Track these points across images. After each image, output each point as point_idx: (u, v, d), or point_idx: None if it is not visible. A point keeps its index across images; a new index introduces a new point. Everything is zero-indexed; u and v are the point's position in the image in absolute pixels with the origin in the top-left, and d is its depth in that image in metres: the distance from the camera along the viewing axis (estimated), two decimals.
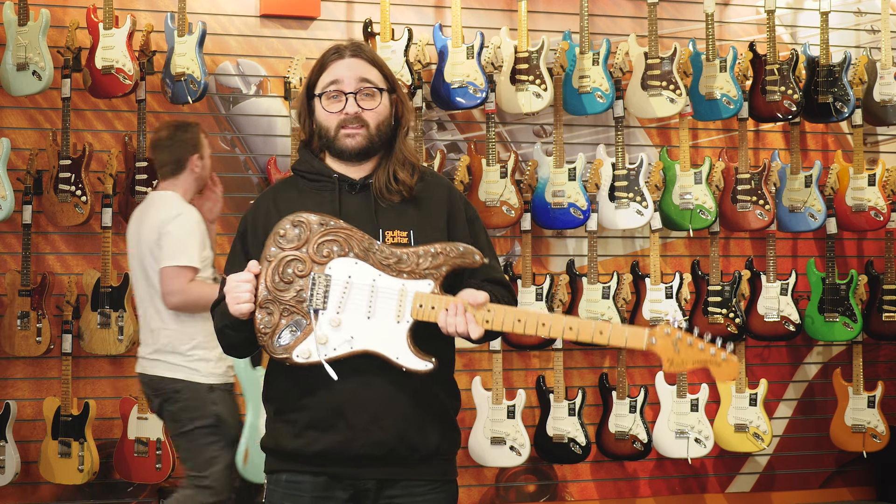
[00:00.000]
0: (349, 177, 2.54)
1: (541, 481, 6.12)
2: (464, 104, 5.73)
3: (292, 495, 2.49)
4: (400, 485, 2.48)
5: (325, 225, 2.40)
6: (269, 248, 2.41)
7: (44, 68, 5.29)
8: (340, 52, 2.55)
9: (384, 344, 2.37)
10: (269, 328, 2.39)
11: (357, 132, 2.51)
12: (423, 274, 2.39)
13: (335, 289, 2.38)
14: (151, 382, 4.23)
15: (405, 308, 2.38)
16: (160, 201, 4.31)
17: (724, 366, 2.33)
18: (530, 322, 2.36)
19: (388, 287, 2.38)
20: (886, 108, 6.20)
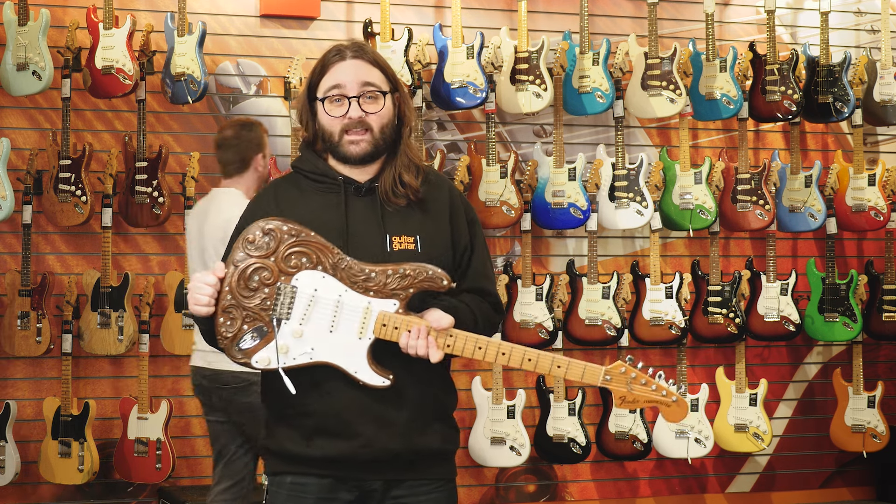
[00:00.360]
0: (354, 179, 2.52)
1: (541, 481, 6.12)
2: (464, 104, 5.73)
3: (297, 497, 2.48)
4: (405, 485, 2.48)
5: (295, 235, 2.39)
6: (236, 253, 2.40)
7: (44, 68, 5.29)
8: (342, 54, 2.52)
9: (344, 358, 2.39)
10: (230, 333, 2.39)
11: (361, 138, 2.49)
12: (390, 293, 2.39)
13: (300, 301, 2.39)
14: (216, 376, 4.33)
15: (368, 325, 2.38)
16: (225, 198, 4.40)
17: (674, 407, 2.42)
18: (490, 350, 2.40)
19: (353, 303, 2.39)
20: (886, 108, 6.20)
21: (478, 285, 2.55)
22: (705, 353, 6.23)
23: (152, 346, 5.44)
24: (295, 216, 2.49)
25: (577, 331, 5.84)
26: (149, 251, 5.63)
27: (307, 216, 2.49)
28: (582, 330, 5.83)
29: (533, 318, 5.78)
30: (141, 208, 5.42)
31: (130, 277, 5.39)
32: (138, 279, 5.48)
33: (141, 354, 5.39)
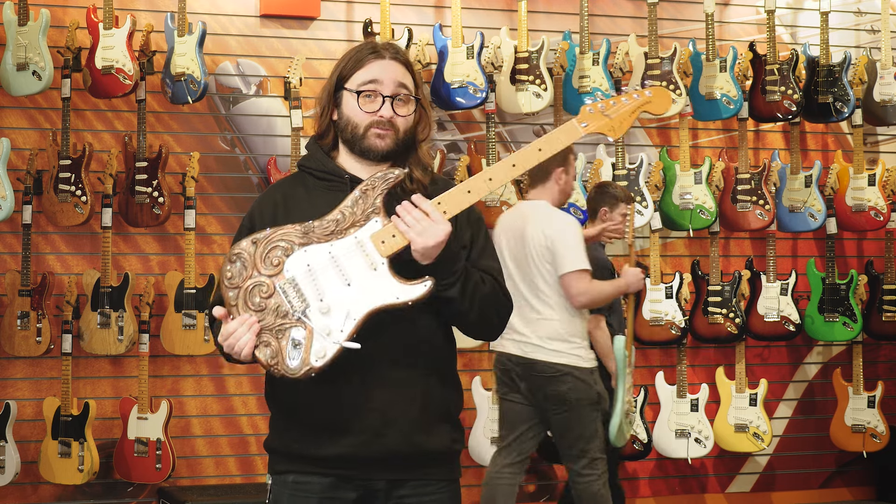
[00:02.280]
0: (361, 178, 2.52)
1: (541, 481, 6.12)
2: (464, 104, 5.73)
3: (300, 496, 2.47)
4: (409, 485, 2.47)
5: (256, 241, 2.38)
6: (227, 295, 2.38)
7: (44, 68, 5.29)
8: (379, 52, 2.51)
9: (378, 295, 2.34)
10: (275, 357, 2.35)
11: (387, 133, 2.49)
12: (366, 217, 2.37)
13: (304, 283, 2.35)
14: (532, 365, 4.63)
15: (372, 254, 2.35)
16: (540, 211, 4.71)
17: (655, 99, 2.42)
18: (478, 185, 2.38)
19: (344, 249, 2.36)
20: (886, 108, 6.21)
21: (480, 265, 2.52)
22: (705, 353, 6.23)
23: (152, 346, 5.44)
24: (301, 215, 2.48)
25: None
26: (149, 251, 5.63)
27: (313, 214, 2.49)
28: None
29: None
30: (141, 208, 5.42)
31: (130, 277, 5.40)
32: (138, 279, 5.48)
33: (141, 354, 5.39)
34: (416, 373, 2.44)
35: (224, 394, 5.70)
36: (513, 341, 4.70)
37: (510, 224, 4.81)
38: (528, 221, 4.70)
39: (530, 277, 4.66)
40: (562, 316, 4.62)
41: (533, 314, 4.65)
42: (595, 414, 4.64)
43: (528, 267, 4.66)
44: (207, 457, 5.67)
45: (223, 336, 2.36)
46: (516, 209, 4.93)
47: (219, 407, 5.70)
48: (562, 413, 4.62)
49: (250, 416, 5.72)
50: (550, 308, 4.63)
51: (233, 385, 5.71)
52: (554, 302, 4.63)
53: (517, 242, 4.71)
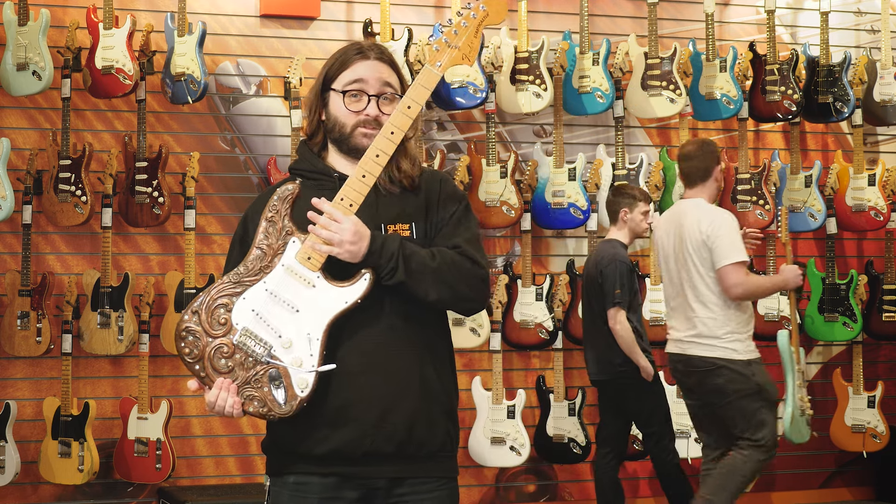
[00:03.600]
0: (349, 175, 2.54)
1: (541, 481, 6.12)
2: (464, 104, 5.73)
3: (300, 497, 2.47)
4: (408, 482, 2.48)
5: (198, 311, 2.42)
6: (193, 369, 2.45)
7: (44, 68, 5.29)
8: (364, 53, 2.56)
9: (327, 309, 2.39)
10: (264, 405, 2.41)
11: (373, 133, 2.51)
12: (283, 242, 2.41)
13: (257, 328, 2.41)
14: (689, 360, 4.78)
15: (304, 273, 2.40)
16: (696, 208, 4.84)
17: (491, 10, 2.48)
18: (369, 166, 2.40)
19: (275, 280, 2.41)
20: (886, 108, 6.21)
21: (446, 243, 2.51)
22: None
23: (152, 346, 5.44)
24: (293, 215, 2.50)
25: (578, 331, 5.83)
26: (149, 251, 5.63)
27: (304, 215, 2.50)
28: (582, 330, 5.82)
29: (533, 318, 5.78)
30: (141, 208, 5.42)
31: (130, 277, 5.40)
32: (138, 279, 5.48)
33: (141, 354, 5.39)
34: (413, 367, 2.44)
35: None
36: (674, 341, 4.87)
37: (669, 225, 4.93)
38: (685, 219, 4.83)
39: (689, 275, 4.78)
40: (716, 311, 4.72)
41: (690, 312, 4.78)
42: (757, 404, 4.73)
43: (686, 265, 4.78)
44: (207, 457, 5.67)
45: (209, 406, 2.44)
46: (675, 209, 5.01)
47: None
48: (723, 405, 4.73)
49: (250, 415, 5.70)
50: (705, 304, 4.74)
51: None
52: (709, 297, 4.73)
53: (677, 242, 4.84)
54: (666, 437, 5.25)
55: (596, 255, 5.28)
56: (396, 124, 2.42)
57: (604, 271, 5.11)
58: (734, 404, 4.72)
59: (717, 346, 4.72)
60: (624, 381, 5.16)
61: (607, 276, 5.09)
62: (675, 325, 4.87)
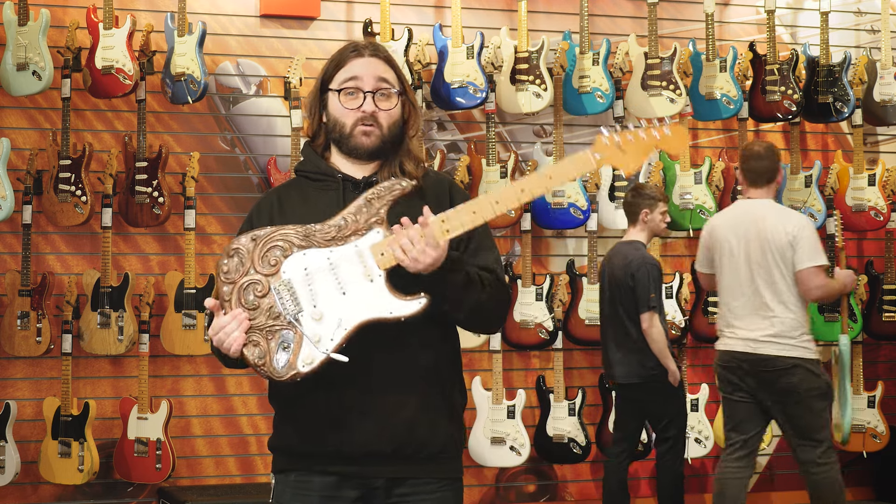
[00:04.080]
0: (353, 176, 2.54)
1: (541, 481, 6.12)
2: (464, 104, 5.74)
3: (301, 495, 2.48)
4: (409, 483, 2.47)
5: (256, 240, 2.37)
6: (221, 289, 2.38)
7: (44, 68, 5.29)
8: (359, 51, 2.56)
9: (371, 307, 2.34)
10: (262, 357, 2.35)
11: (372, 130, 2.51)
12: (368, 226, 2.37)
13: (299, 287, 2.35)
14: (763, 360, 4.77)
15: (370, 265, 2.35)
16: (778, 209, 4.94)
17: (672, 137, 2.32)
18: (484, 208, 2.34)
19: (343, 256, 2.35)
20: (886, 108, 6.21)
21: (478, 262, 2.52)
22: (705, 353, 6.22)
23: (152, 346, 5.44)
24: (295, 215, 2.50)
25: (578, 331, 5.84)
26: (149, 251, 5.63)
27: (308, 215, 2.51)
28: (582, 330, 5.83)
29: (533, 318, 5.78)
30: (141, 208, 5.42)
31: (130, 277, 5.40)
32: (138, 279, 5.48)
33: (141, 354, 5.39)
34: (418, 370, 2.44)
35: (224, 394, 5.70)
36: (740, 339, 4.83)
37: (737, 224, 4.90)
38: (764, 220, 4.82)
39: (769, 275, 4.79)
40: (796, 311, 4.79)
41: (768, 312, 4.78)
42: (824, 403, 4.81)
43: (767, 265, 4.79)
44: (207, 457, 5.67)
45: (214, 329, 2.38)
46: (742, 209, 4.97)
47: (219, 407, 5.70)
48: (792, 404, 4.77)
49: (250, 416, 5.72)
50: (785, 304, 4.77)
51: (233, 385, 5.71)
52: (789, 297, 4.78)
53: (754, 242, 4.81)
54: (680, 443, 5.25)
55: (622, 257, 5.21)
56: (529, 187, 2.34)
57: (635, 275, 5.10)
58: (805, 403, 4.76)
59: (795, 346, 4.76)
60: (654, 385, 5.16)
61: (639, 279, 5.09)
62: (741, 324, 4.83)
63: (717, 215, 5.14)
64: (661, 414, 5.22)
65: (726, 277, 4.90)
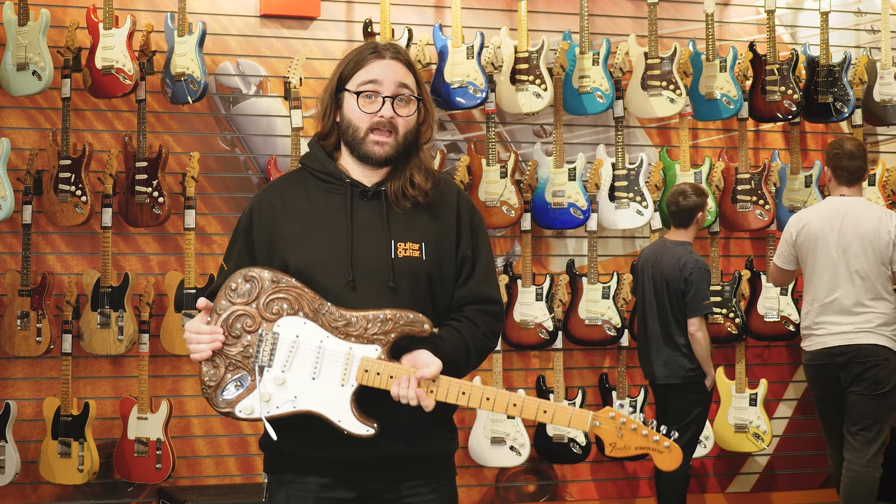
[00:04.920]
0: (361, 182, 2.50)
1: (541, 481, 6.12)
2: (464, 104, 5.73)
3: (296, 495, 2.48)
4: (405, 485, 2.47)
5: (276, 282, 2.38)
6: (219, 301, 2.40)
7: (44, 68, 5.29)
8: (380, 52, 2.49)
9: (327, 406, 2.36)
10: (213, 381, 2.39)
11: (386, 140, 2.46)
12: (371, 339, 2.36)
13: (282, 347, 2.37)
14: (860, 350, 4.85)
15: (350, 372, 2.36)
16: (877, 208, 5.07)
17: (666, 454, 2.35)
18: (474, 396, 2.37)
19: (334, 350, 2.36)
20: (886, 108, 6.21)
21: (480, 293, 2.52)
22: None
23: (152, 346, 5.44)
24: (298, 216, 2.48)
25: (577, 331, 5.84)
26: (149, 251, 5.63)
27: (312, 217, 2.48)
28: (582, 330, 5.83)
29: (533, 318, 5.78)
30: (141, 208, 5.42)
31: (130, 277, 5.40)
32: (138, 279, 5.48)
33: (141, 354, 5.39)
34: None
35: None
36: (834, 334, 4.90)
37: (831, 219, 4.95)
38: (863, 218, 4.92)
39: (869, 275, 4.88)
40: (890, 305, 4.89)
41: (862, 308, 4.87)
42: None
43: (867, 260, 4.87)
44: (207, 457, 5.67)
45: (191, 328, 2.41)
46: (834, 205, 5.02)
47: None
48: (873, 396, 4.86)
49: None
50: (885, 298, 4.88)
51: None
52: (884, 293, 4.89)
53: (852, 239, 4.89)
54: (692, 447, 5.28)
55: (672, 258, 5.22)
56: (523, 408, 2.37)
57: (688, 279, 5.14)
58: (885, 395, 4.86)
59: (889, 338, 4.87)
60: (690, 386, 5.21)
61: (693, 283, 5.13)
62: (835, 320, 4.90)
63: (804, 213, 5.14)
64: (686, 415, 5.23)
65: (821, 273, 4.95)
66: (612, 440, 2.35)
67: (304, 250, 2.44)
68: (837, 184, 5.03)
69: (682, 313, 5.17)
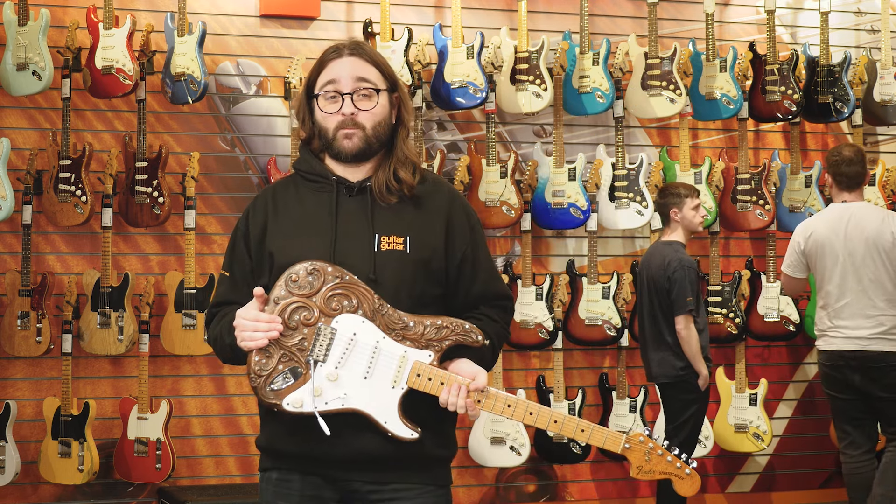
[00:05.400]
0: (347, 179, 2.52)
1: (541, 481, 6.12)
2: (464, 104, 5.73)
3: (283, 493, 2.49)
4: (389, 488, 2.46)
5: (339, 277, 2.39)
6: (278, 290, 2.39)
7: (44, 68, 5.29)
8: (339, 51, 2.51)
9: (375, 407, 2.38)
10: (265, 372, 2.38)
11: (354, 133, 2.48)
12: (426, 344, 2.40)
13: (338, 344, 2.38)
14: (872, 357, 4.91)
15: (403, 375, 2.38)
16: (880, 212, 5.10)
17: (687, 480, 2.49)
18: (518, 409, 2.44)
19: (390, 351, 2.39)
20: (886, 108, 6.20)
21: (489, 290, 2.56)
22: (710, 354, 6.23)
23: (152, 346, 5.44)
24: (288, 215, 2.50)
25: (577, 331, 5.84)
26: (149, 251, 5.63)
27: (299, 216, 2.50)
28: (582, 330, 5.83)
29: (533, 318, 5.78)
30: (141, 208, 5.42)
31: (130, 277, 5.40)
32: (138, 279, 5.48)
33: (141, 354, 5.39)
34: None
35: (224, 394, 5.70)
36: (847, 338, 4.96)
37: (837, 225, 5.01)
38: (867, 222, 4.98)
39: (877, 275, 4.94)
40: None
41: (873, 310, 4.92)
42: None
43: (874, 265, 4.93)
44: (207, 457, 5.67)
45: (246, 315, 2.38)
46: (841, 211, 5.07)
47: (219, 407, 5.70)
48: (890, 401, 4.94)
49: (250, 416, 5.71)
50: (892, 302, 4.93)
51: (233, 385, 5.71)
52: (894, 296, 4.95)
53: (858, 243, 4.96)
54: (690, 446, 5.27)
55: (660, 258, 5.24)
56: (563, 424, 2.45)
57: (671, 277, 5.14)
58: None
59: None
60: (682, 385, 5.20)
61: (676, 281, 5.13)
62: (846, 324, 4.96)
63: (810, 221, 5.19)
64: (680, 414, 5.24)
65: (829, 279, 5.01)
66: (639, 463, 2.47)
67: (290, 246, 2.46)
68: (839, 190, 5.10)
69: (669, 312, 5.17)
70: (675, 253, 5.20)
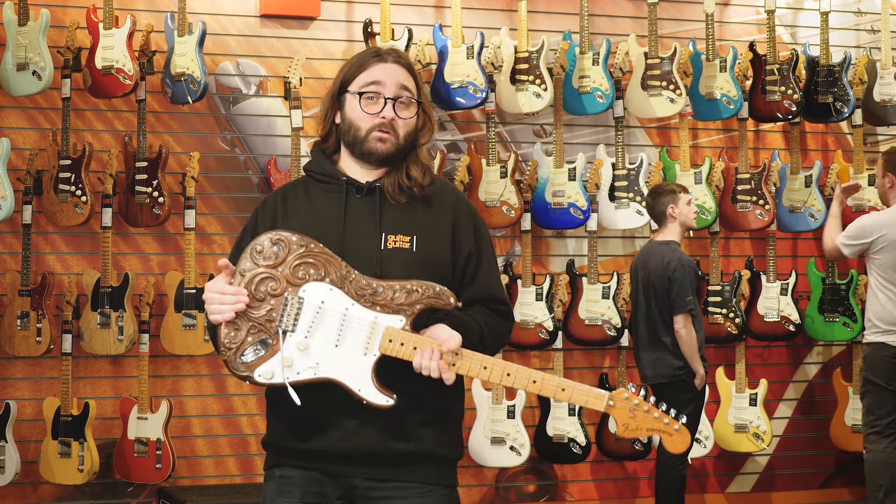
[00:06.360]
0: (357, 180, 2.54)
1: (541, 481, 6.12)
2: (464, 104, 5.73)
3: (285, 490, 2.50)
4: (390, 485, 2.46)
5: (304, 246, 2.38)
6: (244, 262, 2.39)
7: (44, 68, 5.29)
8: (382, 56, 2.55)
9: (348, 374, 2.36)
10: (234, 344, 2.37)
11: (388, 137, 2.51)
12: (396, 309, 2.37)
13: (307, 312, 2.36)
14: None
15: (374, 341, 2.37)
16: None
17: (676, 436, 2.44)
18: (496, 371, 2.40)
19: (359, 317, 2.37)
20: (886, 108, 6.20)
21: (487, 292, 2.56)
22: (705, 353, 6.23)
23: (152, 346, 5.44)
24: (298, 216, 2.51)
25: (578, 331, 5.84)
26: (149, 251, 5.63)
27: (309, 216, 2.52)
28: (582, 330, 5.83)
29: (533, 318, 5.78)
30: (141, 208, 5.42)
31: (130, 277, 5.40)
32: (138, 279, 5.48)
33: (141, 354, 5.39)
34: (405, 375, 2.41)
35: (224, 394, 5.70)
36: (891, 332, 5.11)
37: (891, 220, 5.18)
38: None
39: None
40: None
41: None
42: None
43: None
44: (207, 457, 5.67)
45: (213, 288, 2.39)
46: None
47: (219, 407, 5.70)
48: None
49: (250, 416, 5.72)
50: None
51: (233, 385, 5.70)
52: None
53: None
54: None
55: (658, 258, 5.22)
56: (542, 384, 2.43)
57: (671, 276, 5.13)
58: None
59: None
60: (679, 385, 5.19)
61: (676, 280, 5.12)
62: None
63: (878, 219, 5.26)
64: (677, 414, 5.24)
65: None
66: (624, 421, 2.41)
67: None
68: None
69: (668, 312, 5.16)
70: (673, 252, 5.20)
